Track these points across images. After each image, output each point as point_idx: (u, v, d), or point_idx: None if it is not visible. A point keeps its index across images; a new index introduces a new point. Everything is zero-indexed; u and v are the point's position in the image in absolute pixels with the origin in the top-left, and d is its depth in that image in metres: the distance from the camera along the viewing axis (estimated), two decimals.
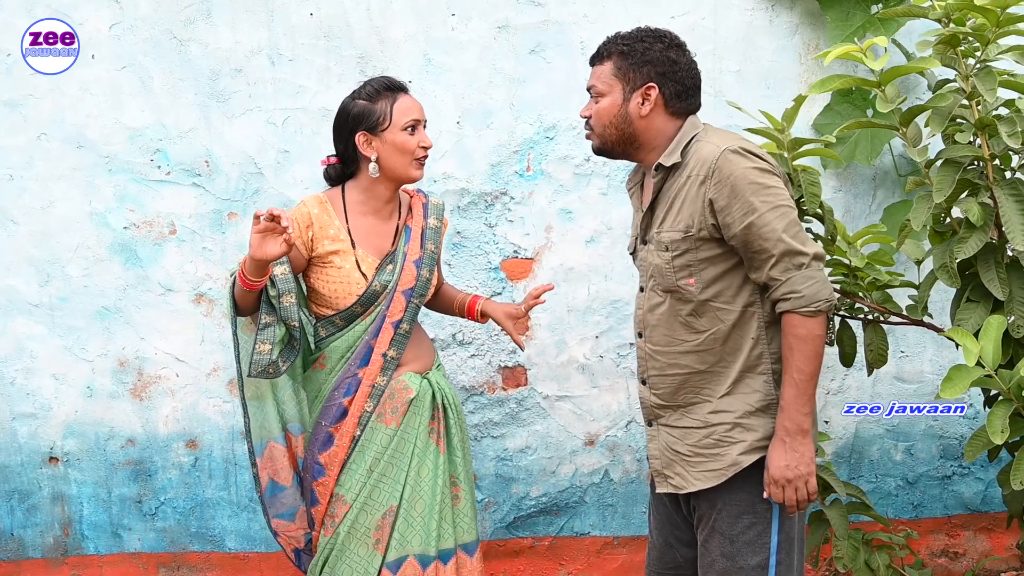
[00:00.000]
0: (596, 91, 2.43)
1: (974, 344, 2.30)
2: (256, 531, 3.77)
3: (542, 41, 3.61)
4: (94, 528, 3.78)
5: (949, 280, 2.50)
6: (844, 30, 3.49)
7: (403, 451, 2.70)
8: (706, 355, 2.38)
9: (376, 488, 2.68)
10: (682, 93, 2.41)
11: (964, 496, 3.88)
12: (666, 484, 2.48)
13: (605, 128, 2.42)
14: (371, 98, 2.63)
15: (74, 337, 3.69)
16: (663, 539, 2.64)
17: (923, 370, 3.77)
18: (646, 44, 2.39)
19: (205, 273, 3.67)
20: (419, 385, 2.75)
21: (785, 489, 2.30)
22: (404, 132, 2.62)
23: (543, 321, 3.73)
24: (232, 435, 3.74)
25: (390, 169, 2.65)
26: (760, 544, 2.38)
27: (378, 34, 3.59)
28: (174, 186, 3.64)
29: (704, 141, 2.36)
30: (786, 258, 2.25)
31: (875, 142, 3.52)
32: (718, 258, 2.34)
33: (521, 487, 3.81)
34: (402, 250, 2.74)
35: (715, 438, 2.39)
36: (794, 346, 2.27)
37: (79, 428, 3.73)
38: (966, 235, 2.44)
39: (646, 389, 2.50)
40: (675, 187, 2.37)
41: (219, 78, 3.60)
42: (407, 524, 2.68)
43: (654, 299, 2.44)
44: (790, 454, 2.28)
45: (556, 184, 3.67)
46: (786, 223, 2.26)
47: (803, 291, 2.25)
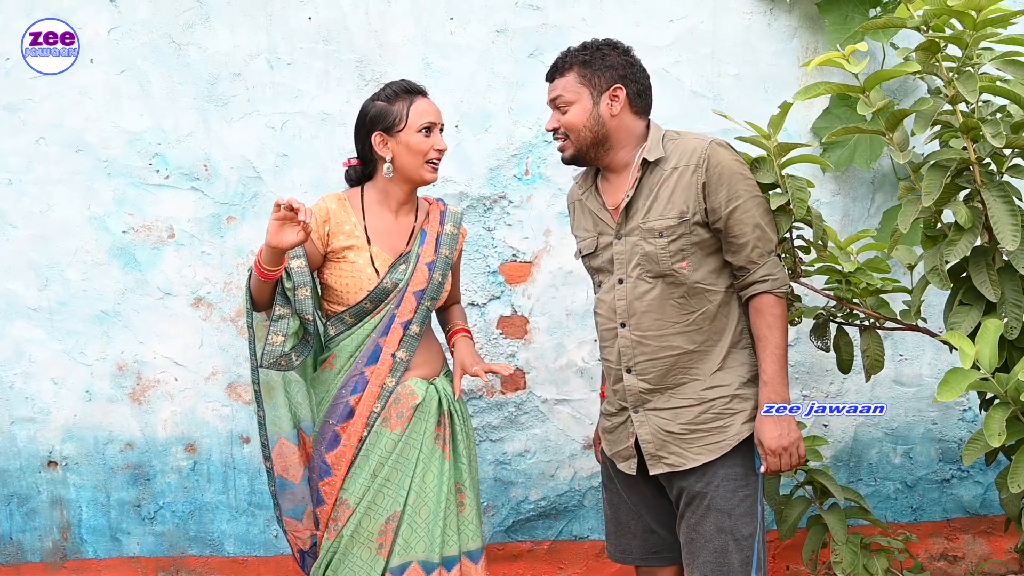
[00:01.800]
0: (563, 101, 2.64)
1: (970, 347, 2.34)
2: (255, 535, 3.82)
3: (540, 45, 3.67)
4: (93, 532, 3.82)
5: (940, 283, 2.54)
6: (842, 33, 3.55)
7: (408, 456, 2.75)
8: (695, 335, 2.60)
9: (380, 492, 2.73)
10: (642, 92, 2.66)
11: (963, 499, 3.91)
12: (660, 465, 2.63)
13: (580, 133, 2.63)
14: (389, 100, 2.74)
15: (73, 341, 3.74)
16: (643, 525, 2.81)
17: (922, 374, 3.82)
18: (603, 52, 2.63)
19: (204, 277, 3.73)
20: (425, 391, 2.80)
21: (781, 457, 2.53)
22: (419, 134, 2.72)
23: (542, 325, 3.77)
24: (231, 439, 3.80)
25: (403, 170, 2.75)
26: (752, 515, 2.59)
27: (377, 38, 3.66)
28: (173, 190, 3.70)
29: (684, 137, 2.63)
30: (761, 243, 2.55)
31: (874, 145, 3.59)
32: (706, 242, 2.58)
33: (520, 491, 3.85)
34: (416, 251, 2.82)
35: (714, 412, 2.60)
36: (772, 324, 2.55)
37: (78, 432, 3.77)
38: (955, 238, 2.49)
39: (632, 376, 2.65)
40: (658, 180, 2.59)
41: (218, 82, 3.66)
42: (411, 530, 2.72)
43: (641, 287, 2.61)
44: (780, 425, 2.53)
45: (555, 187, 3.72)
46: (763, 211, 2.57)
47: (777, 274, 2.57)
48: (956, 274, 2.66)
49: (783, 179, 2.64)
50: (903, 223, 2.56)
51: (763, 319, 2.57)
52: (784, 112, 2.63)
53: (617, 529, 2.88)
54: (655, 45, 3.67)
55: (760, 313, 2.57)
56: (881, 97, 2.55)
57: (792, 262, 2.81)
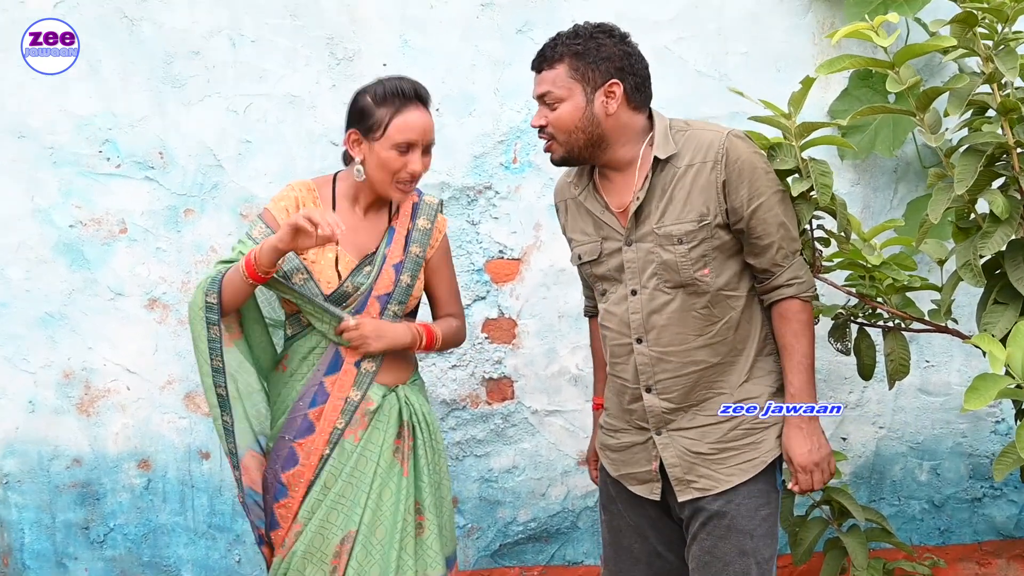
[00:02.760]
0: (552, 97, 2.51)
1: (1001, 351, 2.26)
2: (215, 560, 3.78)
3: (530, 19, 3.62)
4: (36, 557, 3.78)
5: (973, 280, 2.50)
6: (863, 7, 3.50)
7: (363, 470, 2.68)
8: (719, 346, 2.53)
9: (333, 510, 2.66)
10: (640, 85, 2.54)
11: (996, 520, 3.87)
12: (690, 490, 2.56)
13: (571, 135, 2.51)
14: (377, 100, 2.64)
15: (14, 346, 3.70)
16: (648, 549, 2.73)
17: (950, 381, 3.78)
18: (598, 41, 2.50)
19: (159, 276, 3.68)
20: (382, 398, 2.73)
21: (813, 474, 2.51)
22: (393, 150, 2.62)
23: (531, 329, 3.74)
24: (189, 454, 3.75)
25: (371, 180, 2.68)
26: (772, 536, 2.56)
27: (350, 13, 3.62)
28: (125, 180, 3.65)
29: (695, 130, 2.53)
30: (786, 244, 2.50)
31: (897, 130, 3.54)
32: (727, 244, 2.51)
33: (507, 511, 3.80)
34: (383, 252, 2.75)
35: (744, 428, 2.54)
36: (799, 332, 2.50)
37: (20, 447, 3.73)
38: (991, 230, 2.45)
39: (652, 396, 2.57)
40: (671, 179, 2.50)
41: (174, 61, 3.61)
42: (365, 552, 2.66)
43: (660, 298, 2.52)
44: (811, 439, 2.50)
45: (545, 177, 3.67)
46: (785, 208, 2.51)
47: (803, 277, 2.52)
48: (990, 270, 2.61)
49: (804, 163, 2.57)
50: (934, 213, 2.49)
51: (789, 326, 2.51)
52: (806, 88, 2.56)
53: (617, 555, 2.79)
54: (656, 20, 3.64)
55: (786, 320, 2.52)
56: (912, 74, 2.48)
57: (812, 255, 2.73)
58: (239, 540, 3.74)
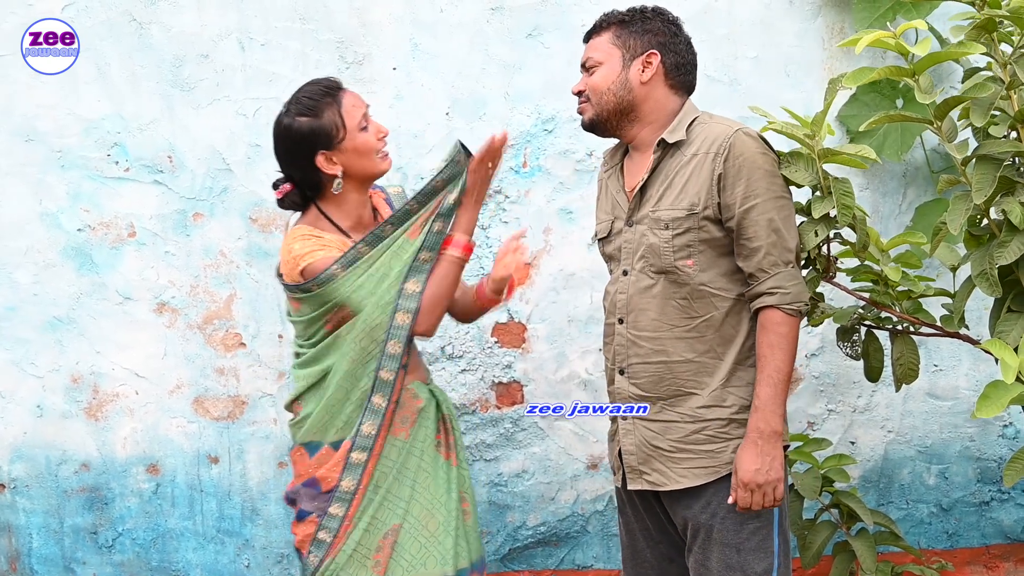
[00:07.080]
0: (592, 62, 2.61)
1: (1014, 359, 2.29)
2: (224, 564, 3.78)
3: (540, 24, 3.63)
4: (44, 562, 3.78)
5: (989, 289, 2.49)
6: (872, 12, 3.52)
7: (409, 466, 2.74)
8: (697, 343, 2.52)
9: (382, 507, 2.71)
10: (682, 66, 2.61)
11: (1004, 524, 3.88)
12: (641, 480, 2.58)
13: (602, 96, 2.58)
14: (314, 112, 2.65)
15: (22, 350, 3.70)
16: (660, 553, 2.74)
17: (958, 385, 3.79)
18: (646, 15, 2.62)
19: (168, 280, 3.69)
20: (426, 394, 2.80)
21: (753, 494, 2.43)
22: (361, 133, 2.67)
23: (541, 332, 3.74)
24: (198, 459, 3.76)
25: (357, 174, 2.71)
26: (764, 549, 2.50)
27: (359, 16, 3.62)
28: (133, 184, 3.66)
29: (713, 122, 2.55)
30: (776, 251, 2.44)
31: (905, 136, 3.56)
32: (718, 241, 2.50)
33: (517, 515, 3.81)
34: None
35: (708, 434, 2.51)
36: (776, 344, 2.44)
37: (28, 451, 3.73)
38: (1007, 239, 2.43)
39: (623, 379, 2.61)
40: (676, 165, 2.54)
41: (183, 64, 3.61)
42: (418, 544, 2.71)
43: (643, 281, 2.56)
44: (762, 457, 2.42)
45: (555, 181, 3.68)
46: (783, 215, 2.47)
47: (789, 288, 2.44)
48: (1004, 277, 2.59)
49: (826, 181, 2.56)
50: (952, 223, 2.48)
51: (766, 336, 2.45)
52: (829, 103, 2.57)
53: (634, 557, 2.81)
54: None
55: (764, 329, 2.46)
56: (931, 83, 2.48)
57: (826, 263, 2.75)
58: (248, 545, 3.76)
